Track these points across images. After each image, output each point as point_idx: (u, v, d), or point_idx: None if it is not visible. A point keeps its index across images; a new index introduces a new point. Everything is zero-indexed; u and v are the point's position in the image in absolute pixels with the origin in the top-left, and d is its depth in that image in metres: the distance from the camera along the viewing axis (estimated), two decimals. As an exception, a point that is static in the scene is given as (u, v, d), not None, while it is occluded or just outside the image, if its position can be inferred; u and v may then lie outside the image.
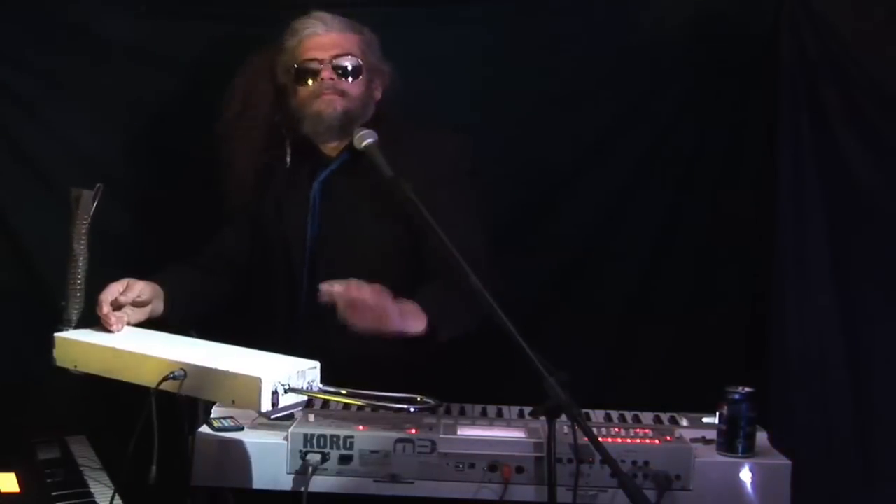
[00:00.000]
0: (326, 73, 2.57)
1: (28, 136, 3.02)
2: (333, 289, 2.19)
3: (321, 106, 2.55)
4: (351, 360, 2.26)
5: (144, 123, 3.08)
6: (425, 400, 2.14)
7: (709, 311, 3.08)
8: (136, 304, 2.42)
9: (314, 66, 2.57)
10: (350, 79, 2.58)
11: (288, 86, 2.63)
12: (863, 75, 2.78)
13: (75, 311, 2.37)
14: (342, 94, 2.56)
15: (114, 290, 2.38)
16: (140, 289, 2.41)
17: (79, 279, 2.37)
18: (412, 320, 2.27)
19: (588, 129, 3.06)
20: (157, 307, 2.47)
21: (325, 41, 2.58)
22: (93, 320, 2.39)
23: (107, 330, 2.35)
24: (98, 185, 2.36)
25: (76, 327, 2.36)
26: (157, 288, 2.47)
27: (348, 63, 2.58)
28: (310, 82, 2.58)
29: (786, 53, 2.89)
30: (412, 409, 2.14)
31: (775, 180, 2.93)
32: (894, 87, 2.72)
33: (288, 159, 2.64)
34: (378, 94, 2.65)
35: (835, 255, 2.85)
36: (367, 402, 2.15)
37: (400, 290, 2.31)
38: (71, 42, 3.01)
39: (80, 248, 2.37)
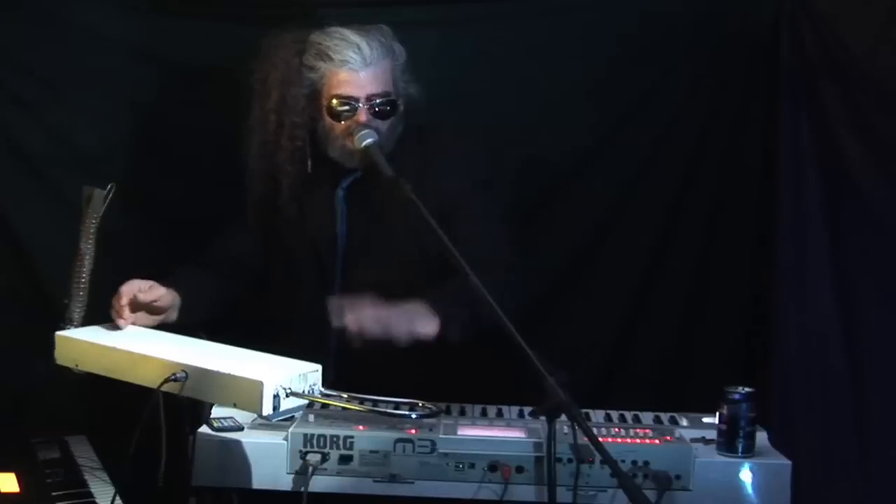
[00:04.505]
0: (363, 117, 2.49)
1: (28, 137, 3.02)
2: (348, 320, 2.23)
3: (355, 143, 2.48)
4: (385, 362, 2.28)
5: (144, 123, 3.08)
6: (426, 405, 2.16)
7: (709, 311, 3.09)
8: (151, 310, 2.43)
9: (350, 104, 2.50)
10: (385, 118, 2.53)
11: (316, 105, 2.55)
12: (863, 75, 2.78)
13: (78, 310, 2.38)
14: (376, 129, 2.49)
15: (136, 286, 2.39)
16: (160, 295, 2.42)
17: (83, 278, 2.38)
18: (423, 323, 2.29)
19: (588, 130, 3.07)
20: (171, 316, 2.48)
21: (362, 78, 2.49)
22: (94, 320, 2.40)
23: (109, 329, 2.36)
24: (110, 184, 2.37)
25: (79, 326, 2.37)
26: (176, 297, 2.47)
27: (385, 104, 2.51)
28: (344, 120, 2.51)
29: (786, 53, 2.89)
30: (413, 416, 2.16)
31: (775, 180, 2.93)
32: (894, 87, 2.72)
33: (309, 163, 2.59)
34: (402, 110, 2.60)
35: (835, 255, 2.85)
36: (367, 408, 2.15)
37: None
38: (71, 42, 3.01)
39: (88, 247, 2.38)
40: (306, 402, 2.14)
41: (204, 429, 2.24)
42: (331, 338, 2.52)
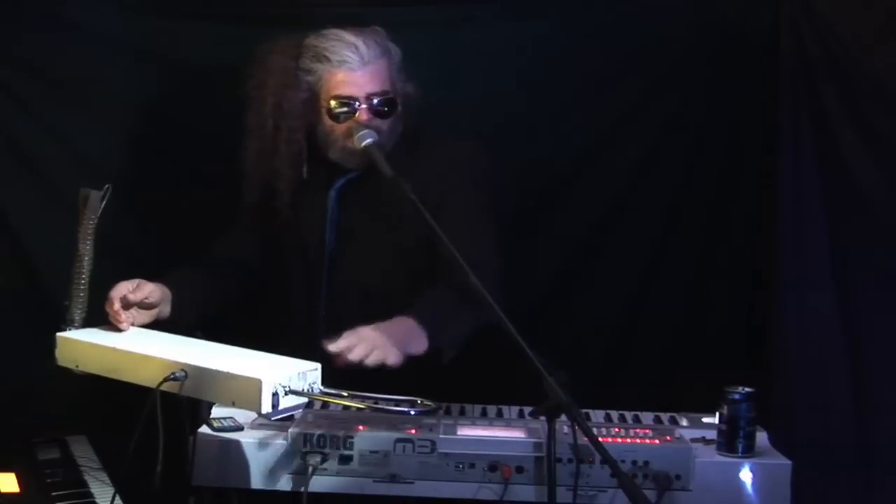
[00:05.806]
0: (363, 116, 2.48)
1: (28, 137, 3.02)
2: (339, 346, 2.19)
3: (356, 143, 2.47)
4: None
5: (144, 123, 3.08)
6: (425, 403, 2.16)
7: (709, 312, 3.09)
8: (144, 306, 2.43)
9: (349, 105, 2.49)
10: (385, 118, 2.52)
11: (315, 107, 2.55)
12: (863, 75, 2.78)
13: (78, 311, 2.38)
14: (377, 129, 2.49)
15: (123, 288, 2.39)
16: (149, 290, 2.42)
17: (83, 279, 2.38)
18: (413, 342, 2.28)
19: (588, 130, 3.07)
20: (164, 310, 2.48)
21: (360, 77, 2.49)
22: (95, 320, 2.40)
23: (109, 330, 2.37)
24: (106, 185, 2.38)
25: (80, 327, 2.37)
26: (166, 290, 2.47)
27: (384, 103, 2.51)
28: (344, 121, 2.51)
29: (786, 53, 2.89)
30: (412, 412, 2.15)
31: (775, 180, 2.93)
32: (894, 87, 2.72)
33: (305, 167, 2.59)
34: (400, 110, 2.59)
35: (835, 255, 2.85)
36: (367, 404, 2.15)
37: (414, 297, 2.35)
38: (71, 42, 3.01)
39: (86, 248, 2.38)
40: (305, 400, 2.15)
41: (204, 429, 2.24)
42: (319, 340, 2.52)
